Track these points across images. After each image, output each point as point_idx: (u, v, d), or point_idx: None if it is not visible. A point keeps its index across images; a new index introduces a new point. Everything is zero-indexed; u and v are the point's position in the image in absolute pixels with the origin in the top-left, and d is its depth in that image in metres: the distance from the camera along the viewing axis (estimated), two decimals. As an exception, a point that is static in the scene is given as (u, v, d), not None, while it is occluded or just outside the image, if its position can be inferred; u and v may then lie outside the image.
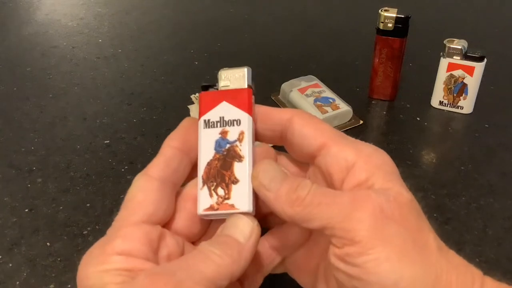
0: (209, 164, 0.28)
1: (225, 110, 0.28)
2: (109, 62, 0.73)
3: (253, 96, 0.30)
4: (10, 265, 0.42)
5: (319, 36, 0.80)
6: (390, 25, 0.58)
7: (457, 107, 0.61)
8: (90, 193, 0.50)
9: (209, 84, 0.30)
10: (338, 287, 0.27)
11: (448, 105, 0.62)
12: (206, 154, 0.28)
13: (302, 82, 0.63)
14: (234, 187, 0.27)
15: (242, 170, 0.27)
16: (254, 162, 0.28)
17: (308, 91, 0.61)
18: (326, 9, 0.89)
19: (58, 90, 0.67)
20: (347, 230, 0.24)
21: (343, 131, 0.29)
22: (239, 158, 0.28)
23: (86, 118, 0.61)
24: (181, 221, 0.29)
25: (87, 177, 0.52)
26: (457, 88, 0.60)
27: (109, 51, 0.76)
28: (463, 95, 0.60)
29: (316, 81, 0.63)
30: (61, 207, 0.48)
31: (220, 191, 0.27)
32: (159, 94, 0.66)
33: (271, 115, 0.29)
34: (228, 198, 0.27)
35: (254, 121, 0.29)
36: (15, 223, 0.46)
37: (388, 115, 0.62)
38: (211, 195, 0.27)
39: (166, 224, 0.29)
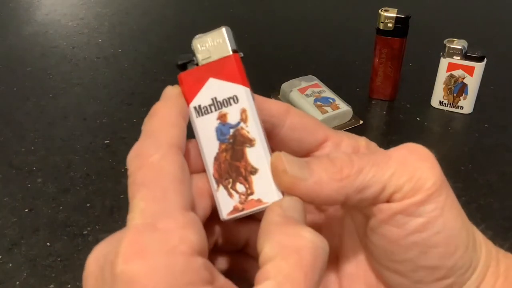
0: (216, 158, 0.23)
1: (215, 88, 0.23)
2: (109, 62, 0.73)
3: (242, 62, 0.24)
4: (10, 265, 0.42)
5: (319, 36, 0.80)
6: (390, 25, 0.58)
7: (457, 107, 0.61)
8: (90, 193, 0.50)
9: (187, 61, 0.24)
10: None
11: (448, 105, 0.61)
12: (209, 147, 0.23)
13: (302, 82, 0.63)
14: (254, 178, 0.22)
15: (257, 155, 0.22)
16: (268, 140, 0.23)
17: (308, 91, 0.61)
18: (326, 9, 0.89)
19: (58, 90, 0.67)
20: (416, 179, 0.22)
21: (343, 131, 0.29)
22: (250, 142, 0.22)
23: (86, 118, 0.61)
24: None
25: (87, 177, 0.52)
26: (457, 88, 0.60)
27: (109, 51, 0.76)
28: (463, 95, 0.60)
29: (316, 81, 0.63)
30: (61, 207, 0.48)
31: (240, 188, 0.22)
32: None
33: (265, 105, 0.24)
34: (251, 193, 0.22)
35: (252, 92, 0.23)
36: (15, 223, 0.46)
37: (388, 115, 0.62)
38: (230, 195, 0.23)
39: None
